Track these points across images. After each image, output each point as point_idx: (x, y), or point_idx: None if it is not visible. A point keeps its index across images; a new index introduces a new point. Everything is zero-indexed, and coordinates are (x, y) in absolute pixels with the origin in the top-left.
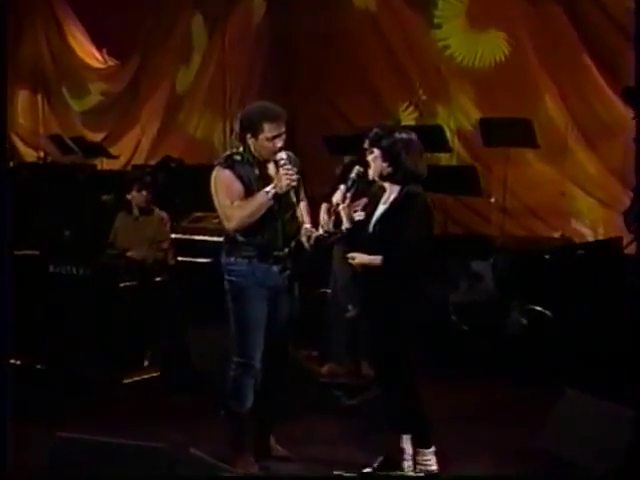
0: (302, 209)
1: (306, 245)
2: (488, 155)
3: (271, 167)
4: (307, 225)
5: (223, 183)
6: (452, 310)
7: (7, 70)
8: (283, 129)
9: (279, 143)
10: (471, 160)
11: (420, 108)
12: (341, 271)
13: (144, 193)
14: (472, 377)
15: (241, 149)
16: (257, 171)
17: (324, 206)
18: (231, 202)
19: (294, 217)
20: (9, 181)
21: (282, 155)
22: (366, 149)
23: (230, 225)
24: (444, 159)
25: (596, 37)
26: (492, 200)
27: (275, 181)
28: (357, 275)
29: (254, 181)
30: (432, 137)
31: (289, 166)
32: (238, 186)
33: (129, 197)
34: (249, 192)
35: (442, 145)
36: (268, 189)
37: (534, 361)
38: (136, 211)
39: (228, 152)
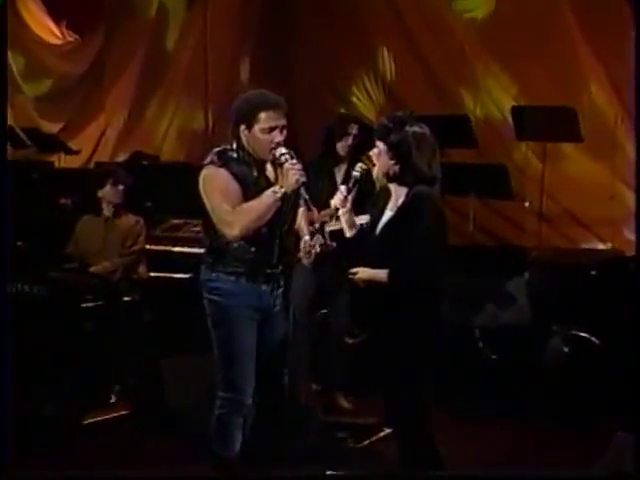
0: (300, 218)
1: (306, 262)
2: (521, 151)
3: (270, 168)
4: (307, 237)
5: (218, 184)
6: (478, 336)
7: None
8: (283, 121)
9: (277, 137)
10: (501, 157)
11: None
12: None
13: (120, 188)
14: (501, 415)
15: (235, 145)
16: (255, 172)
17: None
18: (231, 206)
19: (291, 228)
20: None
21: (282, 150)
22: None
23: (233, 232)
24: (468, 155)
25: None
26: (526, 204)
27: (280, 179)
28: (359, 293)
29: (252, 183)
30: (455, 129)
31: (294, 160)
32: (236, 187)
33: (100, 194)
34: (247, 196)
35: (467, 138)
36: (275, 188)
37: (577, 397)
38: (107, 211)
39: (220, 147)
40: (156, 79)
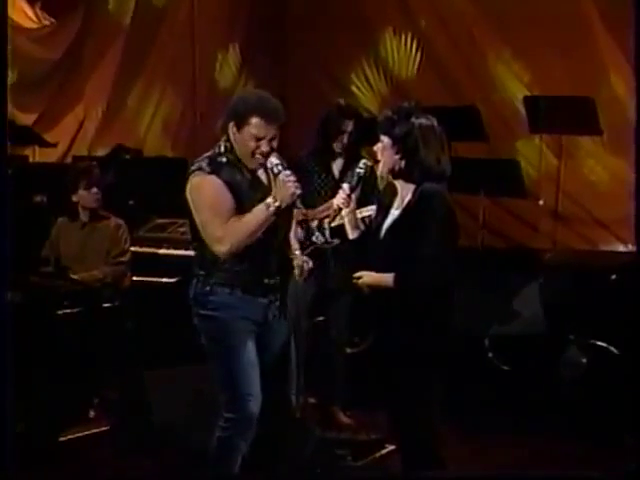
0: (293, 231)
1: (298, 278)
2: (535, 145)
3: (262, 173)
4: (298, 252)
5: (209, 195)
6: (489, 345)
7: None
8: (273, 131)
9: (264, 147)
10: (513, 151)
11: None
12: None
13: (94, 191)
14: (514, 431)
15: (223, 147)
16: (248, 175)
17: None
18: (221, 220)
19: (287, 237)
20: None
21: (274, 160)
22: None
23: (223, 249)
24: (477, 150)
25: None
26: (541, 203)
27: (275, 191)
28: (362, 299)
29: (245, 188)
30: (462, 121)
31: (288, 172)
32: (228, 198)
33: (75, 198)
34: (241, 204)
35: (475, 131)
36: (269, 201)
37: (596, 411)
38: (84, 216)
39: (210, 152)
40: (139, 66)
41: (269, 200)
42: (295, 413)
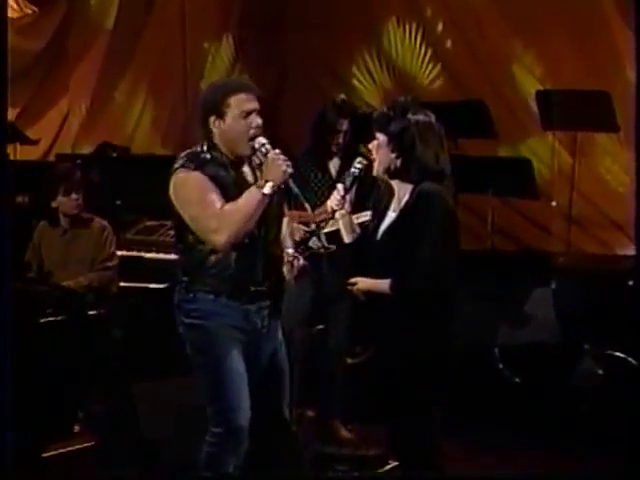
0: (285, 227)
1: (288, 276)
2: (548, 142)
3: (247, 170)
4: (290, 250)
5: (196, 190)
6: (498, 355)
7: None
8: (256, 104)
9: (256, 120)
10: (524, 149)
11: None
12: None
13: (74, 197)
14: (525, 447)
15: (205, 145)
16: (232, 173)
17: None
18: (213, 211)
19: (277, 238)
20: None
21: (261, 140)
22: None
23: (221, 239)
24: (486, 148)
25: None
26: (553, 204)
27: (265, 173)
28: (360, 306)
29: (230, 186)
30: (470, 117)
31: (277, 150)
32: (217, 191)
33: (54, 204)
34: (227, 201)
35: (484, 128)
36: (260, 183)
37: (612, 425)
38: (65, 222)
39: (190, 150)
40: (126, 58)
41: (260, 182)
42: (291, 427)
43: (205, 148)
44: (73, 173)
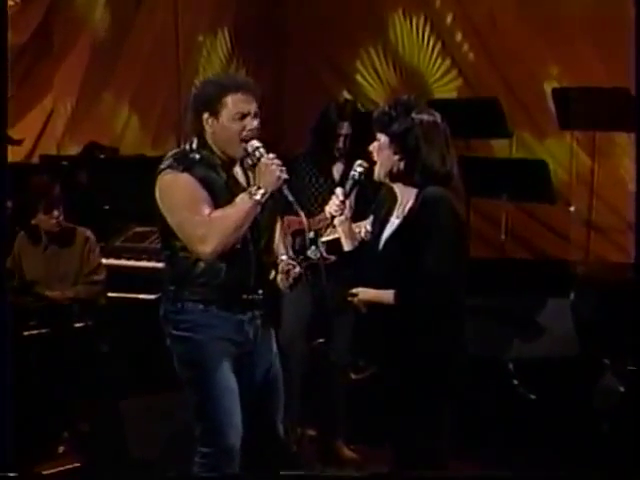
0: (278, 233)
1: (282, 285)
2: (565, 142)
3: (239, 171)
4: (284, 257)
5: (184, 193)
6: (513, 371)
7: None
8: (254, 106)
9: (250, 124)
10: (539, 150)
11: (464, 72)
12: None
13: (55, 214)
14: (541, 468)
15: (195, 143)
16: (223, 175)
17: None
18: (201, 218)
19: (271, 244)
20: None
21: (255, 143)
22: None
23: (207, 249)
24: (499, 149)
25: None
26: (572, 209)
27: (258, 178)
28: (362, 319)
29: (221, 190)
30: (482, 115)
31: (271, 155)
32: (205, 195)
33: (34, 221)
34: (217, 206)
35: (497, 127)
36: (252, 190)
37: (635, 447)
38: (45, 239)
39: (178, 149)
40: (115, 53)
41: (252, 189)
42: (290, 448)
43: (194, 146)
44: (53, 188)
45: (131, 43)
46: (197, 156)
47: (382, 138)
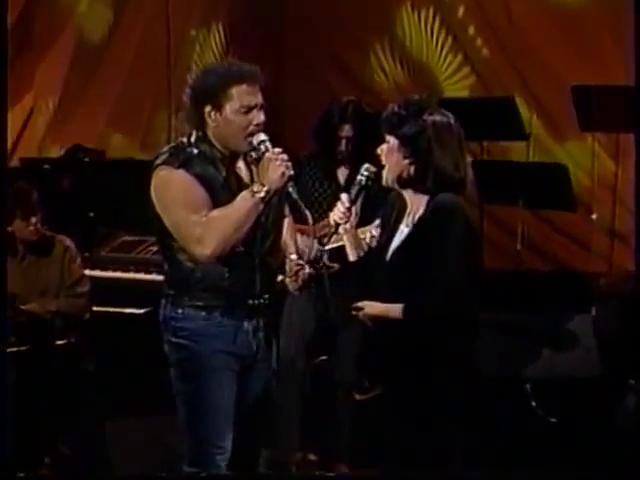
0: (286, 230)
1: (291, 287)
2: (587, 145)
3: (242, 166)
4: (293, 256)
5: (180, 191)
6: (530, 391)
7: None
8: (260, 98)
9: (257, 117)
10: (559, 153)
11: (477, 69)
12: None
13: (33, 221)
14: None
15: (194, 137)
16: (224, 171)
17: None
18: (199, 217)
19: (277, 244)
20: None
21: (261, 136)
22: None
23: (204, 251)
24: (516, 152)
25: None
26: (593, 217)
27: (261, 175)
28: (369, 334)
29: (221, 187)
30: (497, 116)
31: (277, 149)
32: (202, 193)
33: (10, 229)
34: (216, 204)
35: (513, 129)
36: (255, 187)
37: None
38: (22, 248)
39: (175, 143)
40: (101, 47)
41: (254, 186)
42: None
43: (193, 140)
44: (30, 194)
45: (118, 36)
46: (195, 150)
47: (391, 140)
